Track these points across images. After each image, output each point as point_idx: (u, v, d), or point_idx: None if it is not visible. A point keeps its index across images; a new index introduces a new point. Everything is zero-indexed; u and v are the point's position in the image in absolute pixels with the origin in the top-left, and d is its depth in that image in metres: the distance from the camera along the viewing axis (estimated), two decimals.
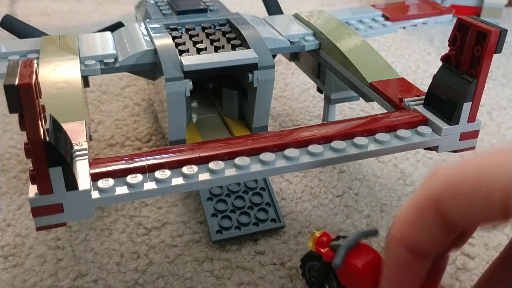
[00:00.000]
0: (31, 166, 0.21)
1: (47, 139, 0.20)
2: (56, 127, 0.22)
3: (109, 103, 0.53)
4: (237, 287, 0.32)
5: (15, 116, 0.51)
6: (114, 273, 0.33)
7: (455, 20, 0.28)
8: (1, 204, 0.38)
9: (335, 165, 0.43)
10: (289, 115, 0.52)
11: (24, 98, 0.19)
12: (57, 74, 0.33)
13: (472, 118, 0.28)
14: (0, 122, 0.50)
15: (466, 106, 0.27)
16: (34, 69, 0.19)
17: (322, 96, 0.46)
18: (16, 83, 0.18)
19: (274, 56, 0.41)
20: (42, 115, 0.20)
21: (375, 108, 0.53)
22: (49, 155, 0.20)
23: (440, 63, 0.29)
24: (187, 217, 0.37)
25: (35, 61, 0.20)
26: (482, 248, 0.35)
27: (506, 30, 0.25)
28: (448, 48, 0.28)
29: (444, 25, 0.75)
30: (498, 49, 0.26)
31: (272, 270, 0.33)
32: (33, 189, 0.22)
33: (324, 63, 0.40)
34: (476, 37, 0.26)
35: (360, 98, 0.37)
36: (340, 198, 0.39)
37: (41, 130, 0.20)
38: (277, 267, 0.33)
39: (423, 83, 0.59)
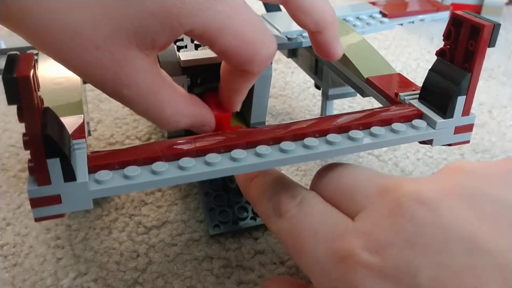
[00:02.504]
0: (29, 157, 0.21)
1: (45, 131, 0.20)
2: (54, 119, 0.22)
3: (108, 101, 0.53)
4: (236, 286, 0.32)
5: (15, 115, 0.51)
6: (113, 272, 0.33)
7: None
8: (0, 203, 0.38)
9: None
10: (289, 114, 0.52)
11: (23, 90, 0.19)
12: (56, 69, 0.33)
13: (466, 111, 0.28)
14: (0, 121, 0.50)
15: (461, 100, 0.27)
16: (33, 62, 0.20)
17: (321, 93, 0.46)
18: (15, 75, 0.19)
19: None
20: (40, 107, 0.20)
21: (375, 106, 0.52)
22: (47, 146, 0.21)
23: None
24: (187, 216, 0.37)
25: (34, 54, 0.20)
26: None
27: (500, 24, 0.26)
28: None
29: (444, 24, 0.75)
30: (491, 43, 0.26)
31: (272, 269, 0.33)
32: (31, 181, 0.22)
33: (321, 59, 0.40)
34: (470, 31, 0.26)
35: (359, 95, 0.37)
36: None
37: (39, 122, 0.20)
38: (277, 266, 0.33)
39: None
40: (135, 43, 0.24)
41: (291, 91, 0.56)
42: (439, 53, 0.29)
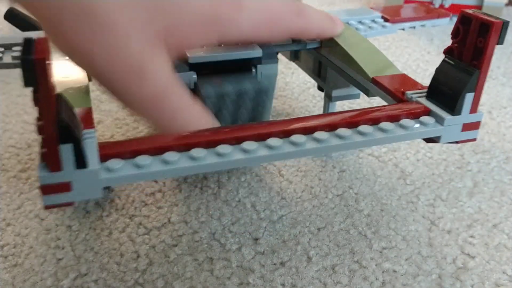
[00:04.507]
0: (42, 143, 0.21)
1: (60, 116, 0.20)
2: (67, 105, 0.22)
3: (109, 102, 0.53)
4: (237, 287, 0.32)
5: (15, 116, 0.51)
6: (114, 273, 0.33)
7: (454, 20, 0.29)
8: (0, 204, 0.38)
9: (335, 164, 0.43)
10: (289, 115, 0.52)
11: (40, 72, 0.19)
12: (61, 64, 0.33)
13: (474, 109, 0.28)
14: (0, 122, 0.50)
15: (469, 97, 0.28)
16: (49, 46, 0.20)
17: (322, 95, 0.46)
18: (32, 56, 0.19)
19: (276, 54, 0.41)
20: (54, 92, 0.20)
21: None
22: (61, 131, 0.21)
23: (440, 61, 0.29)
24: (188, 216, 0.37)
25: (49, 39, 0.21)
26: (483, 247, 0.35)
27: (508, 22, 0.26)
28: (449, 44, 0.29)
29: (444, 26, 0.75)
30: (500, 40, 0.26)
31: (272, 270, 0.33)
32: (42, 167, 0.22)
33: (325, 61, 0.40)
34: (479, 28, 0.27)
35: (361, 97, 0.37)
36: (340, 198, 0.39)
37: (55, 106, 0.20)
38: (277, 267, 0.33)
39: (424, 82, 0.58)
40: (163, 40, 0.24)
41: (291, 91, 0.56)
42: (447, 51, 0.29)
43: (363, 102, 0.53)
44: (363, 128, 0.27)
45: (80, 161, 0.22)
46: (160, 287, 0.32)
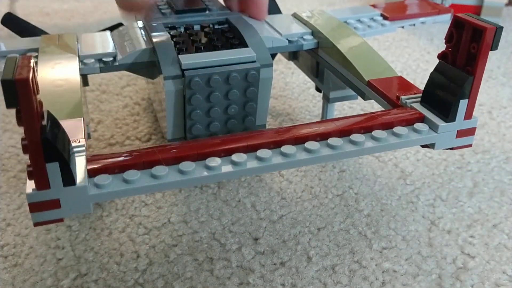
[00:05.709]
0: (28, 161, 0.21)
1: (44, 135, 0.20)
2: (54, 123, 0.22)
3: (108, 102, 0.53)
4: (237, 287, 0.32)
5: (15, 116, 0.51)
6: (114, 273, 0.33)
7: None
8: (1, 204, 0.38)
9: (335, 164, 0.43)
10: (289, 115, 0.52)
11: (21, 93, 0.19)
12: (56, 72, 0.33)
13: (468, 115, 0.28)
14: (0, 122, 0.50)
15: (463, 103, 0.27)
16: (32, 65, 0.19)
17: (321, 95, 0.46)
18: (13, 78, 0.18)
19: (273, 55, 0.41)
20: (39, 111, 0.20)
21: (375, 108, 0.53)
22: (46, 150, 0.20)
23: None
24: (188, 216, 0.37)
25: (32, 57, 0.20)
26: (483, 247, 0.35)
27: (502, 27, 0.26)
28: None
29: (445, 24, 0.75)
30: (494, 46, 0.26)
31: (272, 270, 0.33)
32: (30, 185, 0.22)
33: (322, 62, 0.40)
34: (472, 34, 0.26)
35: (360, 98, 0.37)
36: (340, 198, 0.39)
37: (38, 126, 0.20)
38: (277, 267, 0.33)
39: (423, 82, 0.58)
40: None
41: (291, 91, 0.56)
42: (441, 56, 0.29)
43: (363, 101, 0.53)
44: (355, 137, 0.27)
45: (68, 179, 0.22)
46: (160, 287, 0.32)
